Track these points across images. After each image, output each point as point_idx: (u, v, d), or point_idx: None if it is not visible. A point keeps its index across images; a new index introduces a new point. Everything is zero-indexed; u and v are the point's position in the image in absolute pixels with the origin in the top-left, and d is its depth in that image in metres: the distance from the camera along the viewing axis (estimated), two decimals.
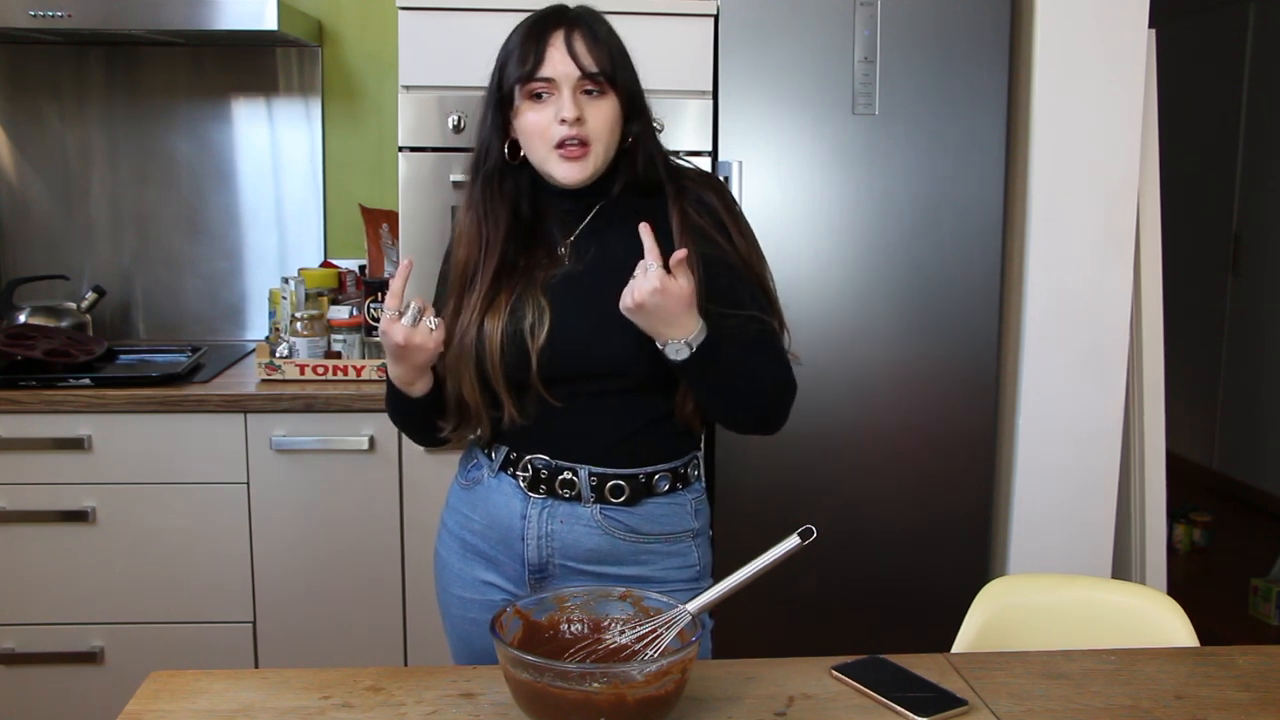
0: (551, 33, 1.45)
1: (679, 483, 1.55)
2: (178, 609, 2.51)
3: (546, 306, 1.47)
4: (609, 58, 1.46)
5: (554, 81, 1.44)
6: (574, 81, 1.44)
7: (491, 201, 1.51)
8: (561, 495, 1.50)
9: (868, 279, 2.51)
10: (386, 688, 1.30)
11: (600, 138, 1.46)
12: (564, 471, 1.50)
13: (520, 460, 1.52)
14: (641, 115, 1.51)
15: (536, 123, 1.45)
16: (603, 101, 1.46)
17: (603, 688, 1.11)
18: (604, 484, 1.50)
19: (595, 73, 1.44)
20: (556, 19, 1.47)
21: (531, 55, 1.44)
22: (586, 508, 1.50)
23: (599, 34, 1.46)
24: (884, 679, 1.31)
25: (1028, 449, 2.60)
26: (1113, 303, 2.56)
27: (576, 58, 1.43)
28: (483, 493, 1.56)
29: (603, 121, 1.46)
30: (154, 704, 1.26)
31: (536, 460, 1.51)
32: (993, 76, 2.48)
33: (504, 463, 1.54)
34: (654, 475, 1.52)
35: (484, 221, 1.52)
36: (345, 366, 2.56)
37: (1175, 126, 3.72)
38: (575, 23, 1.46)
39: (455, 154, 2.45)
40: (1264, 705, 1.27)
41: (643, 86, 1.52)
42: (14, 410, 2.41)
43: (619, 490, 1.50)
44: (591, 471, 1.50)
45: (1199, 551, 4.48)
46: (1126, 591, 1.68)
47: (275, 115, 3.02)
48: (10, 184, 3.01)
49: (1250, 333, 5.07)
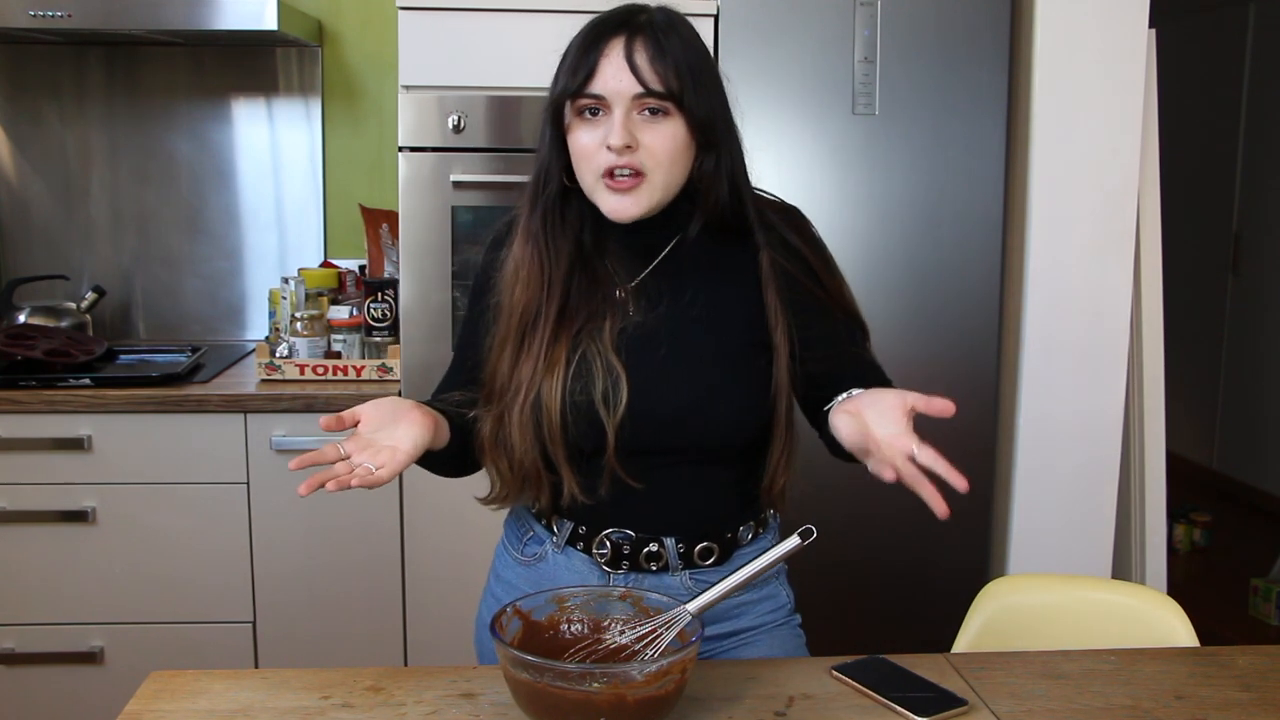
0: (609, 40, 1.24)
1: (760, 528, 1.43)
2: (178, 609, 2.51)
3: (621, 372, 1.28)
4: (677, 73, 1.23)
5: (605, 99, 1.24)
6: (628, 100, 1.23)
7: (553, 233, 1.30)
8: (647, 569, 1.36)
9: (868, 279, 2.51)
10: (386, 688, 1.30)
11: (660, 167, 1.25)
12: (649, 543, 1.35)
13: (594, 537, 1.36)
14: (721, 143, 1.29)
15: (585, 145, 1.25)
16: (664, 125, 1.24)
17: (603, 688, 1.11)
18: (692, 549, 1.36)
19: (657, 91, 1.22)
20: (621, 22, 1.25)
21: (583, 66, 1.24)
22: (675, 576, 1.37)
23: (669, 44, 1.24)
24: (884, 679, 1.31)
25: (1028, 449, 2.60)
26: (1113, 303, 2.56)
27: (636, 71, 1.22)
28: (548, 570, 1.40)
29: (663, 148, 1.24)
30: (154, 704, 1.26)
31: (615, 535, 1.35)
32: (993, 77, 2.48)
33: (571, 537, 1.38)
34: (739, 528, 1.40)
35: (545, 256, 1.29)
36: (345, 366, 2.56)
37: (1175, 126, 3.72)
38: (641, 29, 1.24)
39: (455, 154, 2.45)
40: (1264, 705, 1.27)
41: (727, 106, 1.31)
42: (14, 410, 2.41)
43: (708, 553, 1.37)
44: (679, 540, 1.36)
45: (1199, 551, 4.48)
46: (1126, 591, 1.68)
47: (275, 115, 3.02)
48: (10, 184, 3.01)
49: (1250, 333, 5.07)
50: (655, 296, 1.32)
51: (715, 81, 1.30)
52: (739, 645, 1.44)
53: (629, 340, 1.30)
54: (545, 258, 1.30)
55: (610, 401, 1.27)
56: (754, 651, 1.44)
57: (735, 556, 1.40)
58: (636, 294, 1.33)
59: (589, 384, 1.28)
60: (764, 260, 1.32)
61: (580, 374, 1.29)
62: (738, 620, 1.43)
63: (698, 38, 1.30)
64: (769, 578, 1.46)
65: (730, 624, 1.43)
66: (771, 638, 1.45)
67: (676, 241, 1.34)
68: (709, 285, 1.31)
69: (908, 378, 2.72)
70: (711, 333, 1.30)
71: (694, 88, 1.25)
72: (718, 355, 1.33)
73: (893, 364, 2.52)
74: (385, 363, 2.56)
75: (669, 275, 1.33)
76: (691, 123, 1.25)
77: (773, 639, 1.45)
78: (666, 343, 1.31)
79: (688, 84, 1.24)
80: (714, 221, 1.32)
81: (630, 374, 1.28)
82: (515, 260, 1.32)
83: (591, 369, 1.28)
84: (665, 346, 1.31)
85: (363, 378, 2.55)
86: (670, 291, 1.32)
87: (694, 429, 1.31)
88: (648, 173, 1.25)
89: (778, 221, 1.36)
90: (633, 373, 1.28)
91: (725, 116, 1.30)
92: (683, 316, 1.31)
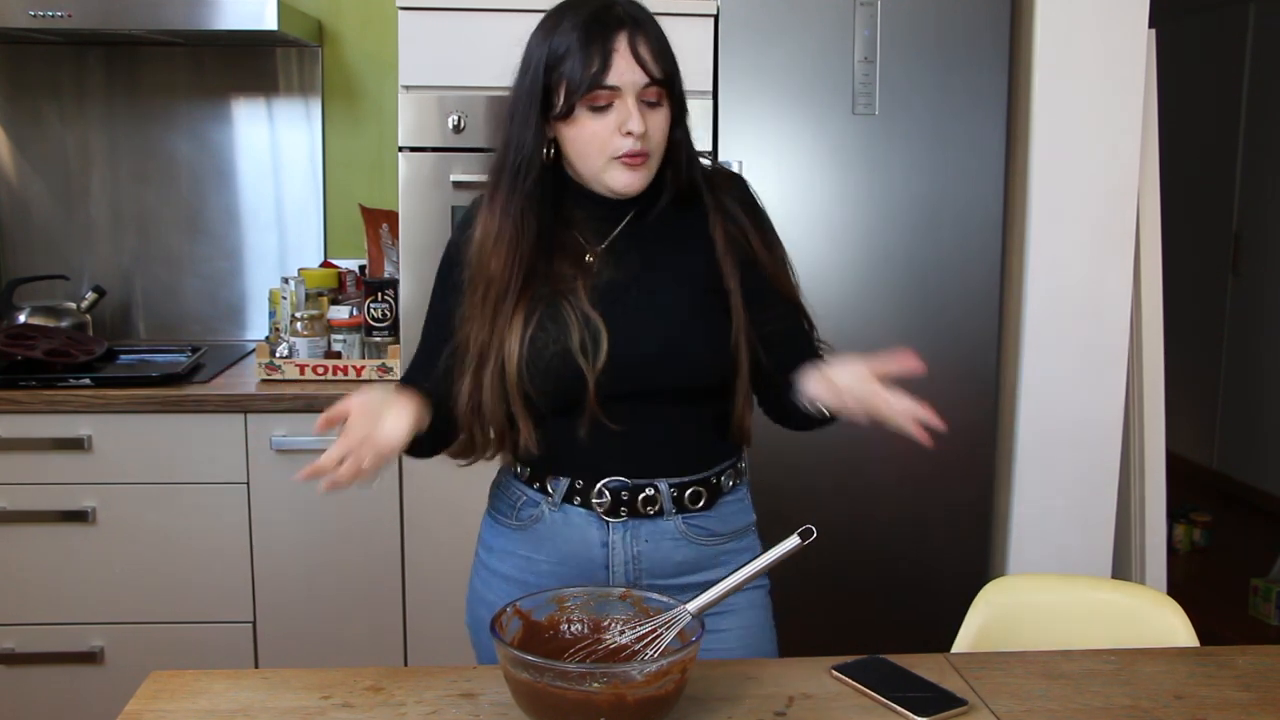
0: (615, 35, 1.34)
1: (738, 477, 1.52)
2: (178, 609, 2.51)
3: (600, 321, 1.38)
4: (669, 61, 1.38)
5: (618, 90, 1.34)
6: (638, 90, 1.35)
7: (527, 208, 1.40)
8: (645, 513, 1.44)
9: (867, 279, 2.51)
10: (386, 688, 1.30)
11: (658, 148, 1.39)
12: (644, 489, 1.43)
13: (591, 487, 1.44)
14: (685, 119, 1.44)
15: (597, 132, 1.36)
16: (660, 110, 1.38)
17: (603, 688, 1.11)
18: (683, 493, 1.45)
19: (659, 80, 1.35)
20: (617, 20, 1.35)
21: (597, 60, 1.33)
22: (670, 521, 1.45)
23: (655, 34, 1.37)
24: (884, 679, 1.31)
25: (1028, 449, 2.60)
26: (1113, 303, 2.56)
27: (644, 64, 1.34)
28: (545, 530, 1.47)
29: (660, 131, 1.38)
30: (154, 704, 1.26)
31: (612, 484, 1.43)
32: (993, 77, 2.48)
33: (568, 494, 1.45)
34: (722, 474, 1.49)
35: (518, 228, 1.39)
36: (345, 366, 2.56)
37: (1175, 126, 3.72)
38: (639, 24, 1.36)
39: (455, 154, 2.45)
40: (1264, 705, 1.27)
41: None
42: (14, 410, 2.41)
43: (698, 497, 1.46)
44: (671, 483, 1.44)
45: (1199, 551, 4.48)
46: (1126, 591, 1.68)
47: (275, 115, 3.02)
48: (10, 184, 3.01)
49: (1250, 333, 5.07)
50: (623, 257, 1.43)
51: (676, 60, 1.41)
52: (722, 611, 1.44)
53: (601, 294, 1.40)
54: (518, 230, 1.39)
55: (589, 349, 1.37)
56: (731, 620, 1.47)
57: (720, 503, 1.49)
58: (605, 257, 1.43)
59: (564, 335, 1.37)
60: (715, 225, 1.44)
61: (548, 327, 1.38)
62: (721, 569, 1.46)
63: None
64: (746, 527, 1.54)
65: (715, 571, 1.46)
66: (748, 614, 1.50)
67: (638, 210, 1.44)
68: (670, 246, 1.42)
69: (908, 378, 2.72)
70: (676, 284, 1.41)
71: (676, 72, 1.39)
72: (684, 303, 1.43)
73: None
74: (385, 363, 2.56)
75: (633, 239, 1.44)
76: (673, 103, 1.39)
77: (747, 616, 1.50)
78: (635, 294, 1.41)
79: (674, 70, 1.38)
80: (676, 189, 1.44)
81: (608, 322, 1.38)
82: (486, 234, 1.40)
83: (566, 321, 1.38)
84: (635, 297, 1.41)
85: (363, 378, 2.55)
86: (637, 251, 1.44)
87: (672, 368, 1.41)
88: (650, 153, 1.38)
89: (724, 188, 1.48)
90: (610, 321, 1.38)
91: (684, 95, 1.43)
92: (648, 273, 1.42)
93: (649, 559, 1.45)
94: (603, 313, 1.38)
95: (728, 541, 1.50)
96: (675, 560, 1.46)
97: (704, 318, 1.42)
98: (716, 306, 1.42)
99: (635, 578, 1.45)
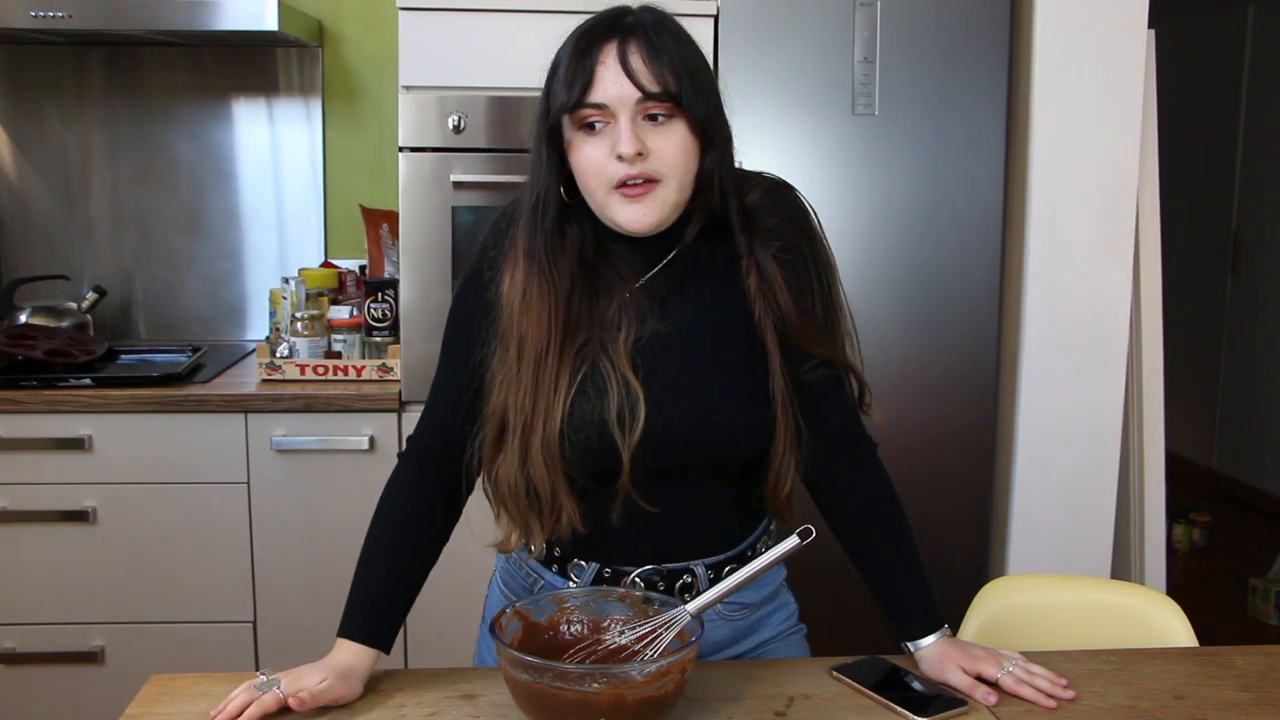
0: (602, 46, 1.18)
1: (771, 540, 1.41)
2: (178, 609, 2.51)
3: (639, 388, 1.22)
4: (674, 73, 1.18)
5: (608, 108, 1.18)
6: (632, 107, 1.17)
7: (554, 254, 1.24)
8: (681, 600, 1.27)
9: (867, 279, 2.51)
10: (386, 688, 1.30)
11: (672, 173, 1.20)
12: (681, 575, 1.32)
13: (622, 574, 1.32)
14: (718, 141, 1.23)
15: (591, 158, 1.19)
16: (671, 128, 1.19)
17: (602, 688, 1.11)
18: (720, 573, 1.33)
19: (657, 93, 1.17)
20: (610, 26, 1.19)
21: (579, 76, 1.18)
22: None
23: (663, 44, 1.18)
24: (884, 679, 1.31)
25: (1028, 449, 2.60)
26: (1113, 303, 2.56)
27: (633, 76, 1.17)
28: None
29: (673, 152, 1.19)
30: (154, 707, 1.26)
31: (646, 573, 1.31)
32: (993, 76, 2.48)
33: (595, 579, 1.33)
34: (757, 543, 1.39)
35: (549, 279, 1.23)
36: (345, 366, 2.56)
37: (1175, 126, 3.72)
38: (632, 31, 1.19)
39: (455, 154, 2.45)
40: (1264, 705, 1.27)
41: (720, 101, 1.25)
42: (14, 410, 2.41)
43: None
44: (707, 563, 1.33)
45: (1198, 551, 4.48)
46: (1126, 591, 1.68)
47: (275, 115, 3.02)
48: (10, 184, 3.01)
49: (1250, 333, 5.07)
50: (664, 301, 1.27)
51: (710, 77, 1.24)
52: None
53: (642, 351, 1.25)
54: (547, 279, 1.24)
55: (626, 422, 1.22)
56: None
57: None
58: (644, 298, 1.27)
59: (603, 403, 1.23)
60: (749, 268, 1.27)
61: (589, 392, 1.23)
62: (757, 634, 1.43)
63: (687, 34, 1.24)
64: (777, 588, 1.46)
65: (749, 641, 1.42)
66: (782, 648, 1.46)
67: (680, 248, 1.28)
68: (711, 292, 1.27)
69: (908, 378, 2.74)
70: (715, 343, 1.26)
71: (692, 86, 1.19)
72: (720, 361, 1.28)
73: (893, 364, 2.54)
74: (385, 363, 2.56)
75: (675, 278, 1.28)
76: (693, 122, 1.20)
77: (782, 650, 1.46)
78: (676, 354, 1.26)
79: (685, 83, 1.19)
80: (708, 223, 1.27)
81: (646, 390, 1.22)
82: (514, 284, 1.26)
83: (605, 388, 1.23)
84: (675, 359, 1.26)
85: (363, 378, 2.55)
86: (677, 296, 1.28)
87: (709, 440, 1.27)
88: (661, 179, 1.20)
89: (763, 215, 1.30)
90: (648, 389, 1.23)
91: (721, 112, 1.25)
92: (690, 322, 1.27)
93: None
94: (643, 379, 1.23)
95: (761, 606, 1.42)
96: (713, 640, 1.37)
97: (740, 380, 1.28)
98: (756, 369, 1.28)
99: None
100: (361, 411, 2.47)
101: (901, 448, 2.60)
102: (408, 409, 2.50)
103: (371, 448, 2.48)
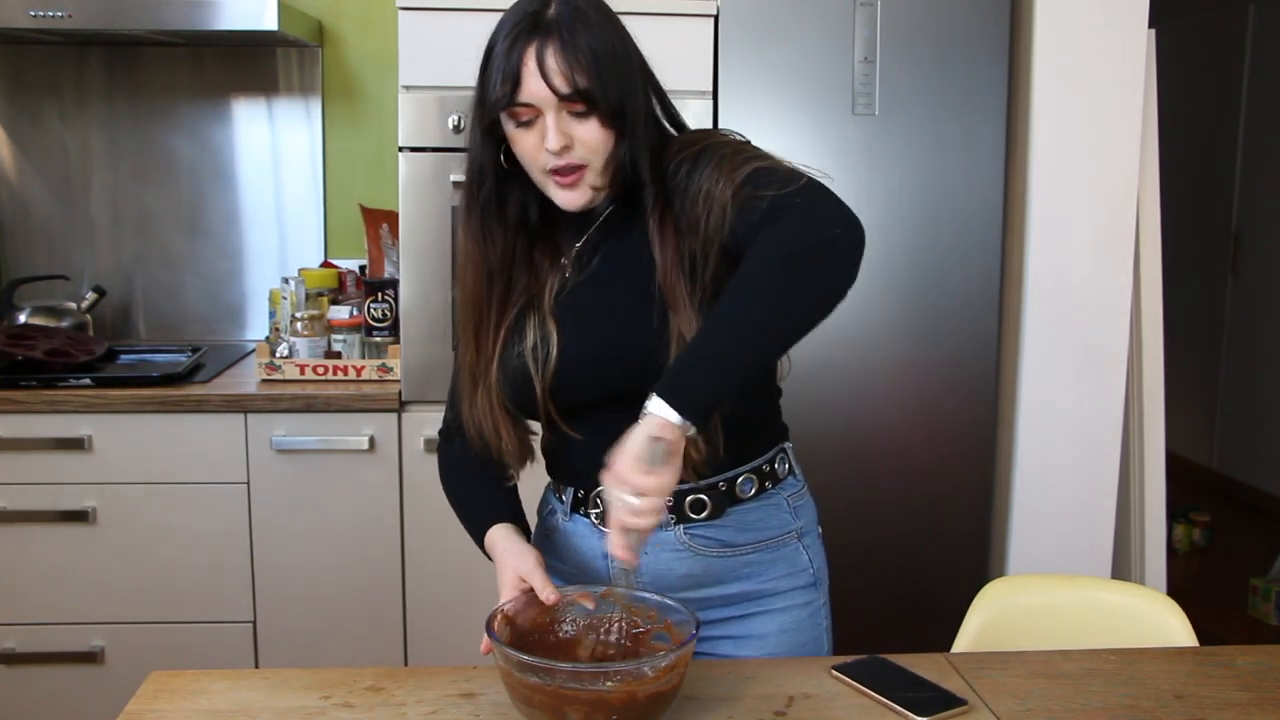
0: (525, 48, 1.25)
1: (767, 482, 1.42)
2: (178, 609, 2.51)
3: (554, 329, 1.35)
4: (586, 70, 1.25)
5: (534, 106, 1.27)
6: (555, 104, 1.26)
7: (490, 224, 1.37)
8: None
9: (867, 279, 2.49)
10: (386, 688, 1.30)
11: (594, 159, 1.30)
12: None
13: (589, 497, 1.41)
14: (631, 126, 1.30)
15: (528, 149, 1.30)
16: (589, 122, 1.28)
17: (615, 686, 1.11)
18: (682, 501, 1.37)
19: (569, 94, 1.25)
20: (530, 29, 1.26)
21: (508, 76, 1.26)
22: (669, 531, 1.37)
23: (577, 40, 1.25)
24: (884, 679, 1.31)
25: (1028, 449, 2.60)
26: (1113, 303, 2.56)
27: (549, 78, 1.24)
28: (561, 539, 1.45)
29: (593, 142, 1.28)
30: (154, 704, 1.26)
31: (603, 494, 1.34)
32: (993, 77, 2.48)
33: (574, 503, 1.43)
34: (736, 480, 1.39)
35: (485, 246, 1.37)
36: (345, 366, 2.56)
37: (1175, 126, 3.72)
38: (549, 30, 1.25)
39: (455, 154, 2.45)
40: (1264, 705, 1.27)
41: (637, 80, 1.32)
42: (14, 410, 2.41)
43: (700, 505, 1.38)
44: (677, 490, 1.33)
45: (1199, 551, 4.48)
46: (1126, 591, 1.68)
47: (275, 115, 3.02)
48: (10, 184, 3.01)
49: (1250, 333, 5.07)
50: (590, 258, 1.38)
51: (623, 55, 1.30)
52: (756, 613, 1.42)
53: (566, 299, 1.37)
54: (481, 245, 1.37)
55: (539, 358, 1.35)
56: (769, 624, 1.43)
57: (733, 511, 1.39)
58: (579, 257, 1.39)
59: (523, 344, 1.36)
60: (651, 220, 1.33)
61: (513, 339, 1.37)
62: (747, 580, 1.42)
63: (605, 18, 1.30)
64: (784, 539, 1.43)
65: (740, 584, 1.41)
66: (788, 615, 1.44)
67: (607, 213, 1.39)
68: (633, 242, 1.34)
69: (908, 377, 2.74)
70: (630, 283, 1.33)
71: (602, 79, 1.26)
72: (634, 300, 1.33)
73: (893, 364, 2.54)
74: (385, 363, 2.56)
75: (602, 238, 1.39)
76: (605, 113, 1.28)
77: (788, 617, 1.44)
78: (590, 298, 1.36)
79: (595, 78, 1.26)
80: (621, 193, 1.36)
81: (560, 328, 1.35)
82: (462, 254, 1.41)
83: (525, 330, 1.37)
84: (589, 301, 1.36)
85: (363, 378, 2.55)
86: (604, 250, 1.38)
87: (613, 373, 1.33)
88: (587, 164, 1.30)
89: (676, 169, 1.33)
90: (563, 327, 1.35)
91: (633, 92, 1.31)
92: (603, 272, 1.37)
93: (649, 571, 1.38)
94: (559, 319, 1.35)
95: (752, 552, 1.41)
96: (678, 573, 1.39)
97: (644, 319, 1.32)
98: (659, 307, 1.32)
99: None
100: (361, 412, 2.47)
101: (902, 448, 2.61)
102: (408, 409, 2.50)
103: (371, 448, 2.48)
